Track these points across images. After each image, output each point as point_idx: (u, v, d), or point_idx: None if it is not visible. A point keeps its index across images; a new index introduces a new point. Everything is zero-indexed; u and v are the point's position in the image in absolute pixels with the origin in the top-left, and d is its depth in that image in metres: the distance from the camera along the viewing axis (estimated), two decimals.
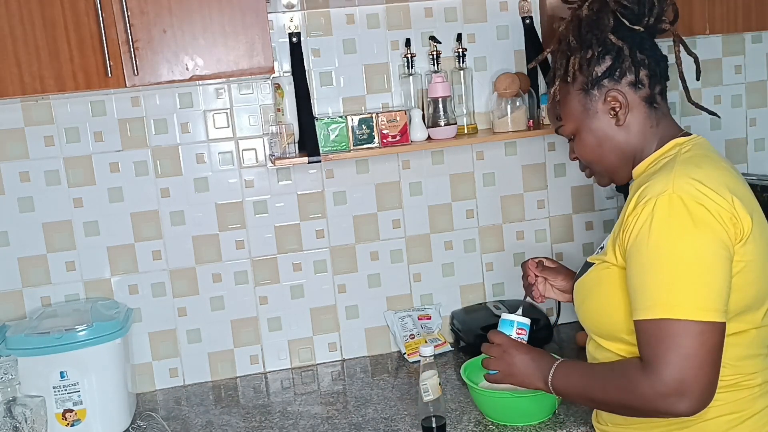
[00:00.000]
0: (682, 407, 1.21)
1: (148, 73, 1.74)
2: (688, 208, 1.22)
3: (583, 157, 1.46)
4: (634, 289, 1.27)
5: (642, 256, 1.25)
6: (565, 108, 1.44)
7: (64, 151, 2.04)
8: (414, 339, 2.19)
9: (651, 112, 1.40)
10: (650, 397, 1.23)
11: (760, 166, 2.45)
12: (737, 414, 1.31)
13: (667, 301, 1.21)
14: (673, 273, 1.22)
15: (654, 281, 1.23)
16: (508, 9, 2.21)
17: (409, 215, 2.24)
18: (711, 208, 1.22)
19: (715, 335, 1.21)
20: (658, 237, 1.23)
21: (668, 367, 1.21)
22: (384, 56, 2.16)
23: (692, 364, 1.20)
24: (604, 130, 1.40)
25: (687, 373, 1.20)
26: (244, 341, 2.20)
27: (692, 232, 1.21)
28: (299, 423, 1.85)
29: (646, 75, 1.38)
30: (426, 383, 1.70)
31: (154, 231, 2.11)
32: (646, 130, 1.40)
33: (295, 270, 2.20)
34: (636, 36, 1.39)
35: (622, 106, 1.37)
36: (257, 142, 2.13)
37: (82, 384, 1.81)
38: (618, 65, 1.37)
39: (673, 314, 1.21)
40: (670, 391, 1.21)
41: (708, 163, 1.33)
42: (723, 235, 1.23)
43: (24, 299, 2.07)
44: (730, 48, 2.38)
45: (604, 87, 1.38)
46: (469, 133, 2.12)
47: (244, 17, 1.76)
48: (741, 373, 1.30)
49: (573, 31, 1.41)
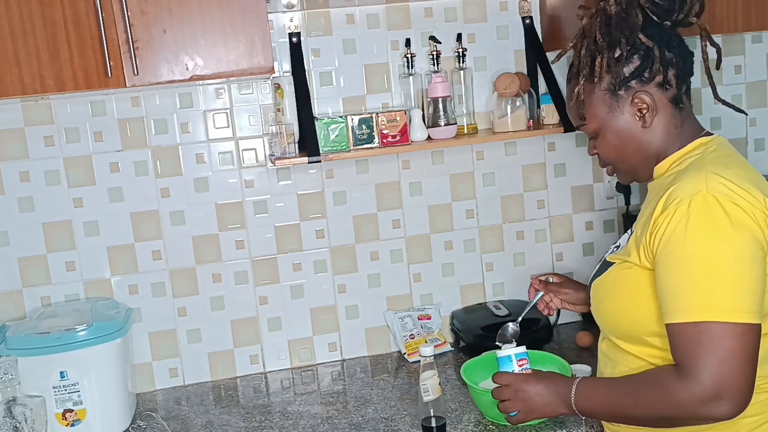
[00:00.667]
0: (722, 410, 1.19)
1: (148, 73, 1.74)
2: (724, 208, 1.20)
3: (605, 156, 1.44)
4: (667, 291, 1.24)
5: (677, 258, 1.22)
6: (589, 107, 1.40)
7: (64, 151, 2.04)
8: (414, 339, 2.18)
9: (676, 113, 1.37)
10: (689, 403, 1.21)
11: (760, 166, 2.43)
12: (758, 416, 1.29)
13: (705, 303, 1.19)
14: (711, 274, 1.19)
15: (690, 283, 1.21)
16: (508, 9, 2.21)
17: (409, 215, 2.24)
18: (746, 208, 1.21)
19: (752, 337, 1.19)
20: (694, 238, 1.20)
21: (707, 371, 1.18)
22: (384, 56, 2.16)
23: (731, 366, 1.18)
24: (629, 130, 1.37)
25: (726, 376, 1.18)
26: (244, 341, 2.20)
27: (729, 233, 1.19)
28: (299, 423, 1.85)
29: (674, 75, 1.36)
30: (426, 383, 1.70)
31: (154, 231, 2.11)
32: (670, 131, 1.37)
33: (295, 270, 2.20)
34: (664, 33, 1.36)
35: (650, 108, 1.35)
36: (257, 142, 2.13)
37: (82, 384, 1.81)
38: (647, 66, 1.34)
39: (711, 317, 1.18)
40: (710, 395, 1.19)
41: (734, 162, 1.31)
42: (759, 235, 1.21)
43: (24, 299, 2.07)
44: (730, 48, 2.38)
45: (632, 88, 1.35)
46: (469, 133, 2.12)
47: (244, 17, 1.76)
48: (762, 375, 1.27)
49: (600, 29, 1.37)
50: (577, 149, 2.30)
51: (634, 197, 2.29)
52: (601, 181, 2.34)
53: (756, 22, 2.05)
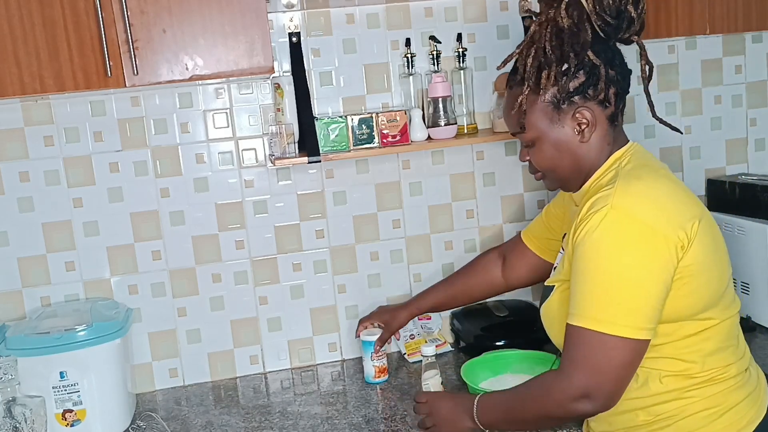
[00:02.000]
0: (587, 408, 1.30)
1: (148, 73, 1.74)
2: (624, 224, 1.26)
3: (538, 165, 1.47)
4: (571, 293, 1.33)
5: (577, 267, 1.30)
6: (530, 117, 1.42)
7: (63, 151, 2.04)
8: (414, 339, 2.18)
9: (611, 129, 1.41)
10: (562, 399, 1.31)
11: (760, 166, 2.45)
12: (715, 408, 1.34)
13: (592, 312, 1.27)
14: (601, 286, 1.27)
15: (583, 291, 1.29)
16: (508, 9, 2.21)
17: (409, 215, 2.24)
18: (650, 224, 1.26)
19: (629, 352, 1.27)
20: (588, 250, 1.28)
21: (579, 373, 1.29)
22: (384, 56, 2.16)
23: (600, 374, 1.28)
24: (567, 143, 1.41)
25: (593, 381, 1.28)
26: (244, 341, 2.20)
27: (625, 248, 1.26)
28: (299, 423, 1.85)
29: (614, 93, 1.39)
30: (428, 383, 1.71)
31: (154, 231, 2.11)
32: (603, 147, 1.41)
33: (295, 270, 2.20)
34: (609, 50, 1.39)
35: (590, 124, 1.38)
36: (257, 142, 2.13)
37: (81, 384, 1.81)
38: (592, 83, 1.37)
39: (591, 325, 1.27)
40: (577, 394, 1.29)
41: (648, 173, 1.35)
42: (659, 252, 1.26)
43: (24, 299, 2.07)
44: (730, 48, 2.38)
45: (575, 103, 1.38)
46: (469, 133, 2.12)
47: (244, 17, 1.76)
48: (713, 367, 1.34)
49: (551, 40, 1.38)
50: None
51: None
52: None
53: (756, 22, 2.05)
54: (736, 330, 1.42)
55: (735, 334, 1.41)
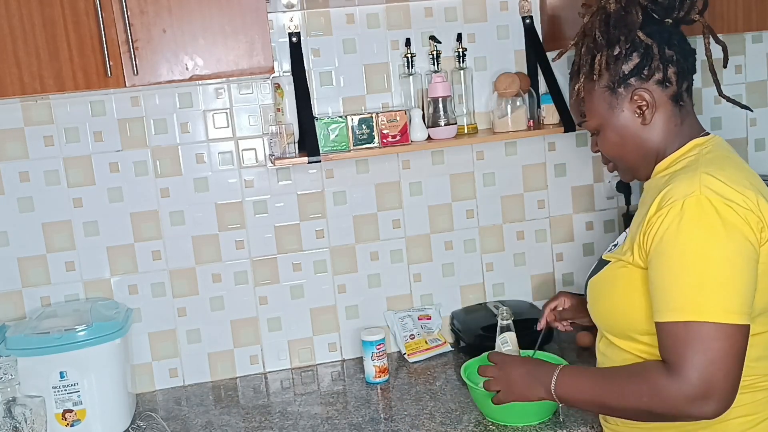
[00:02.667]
0: (708, 409, 1.21)
1: (148, 73, 1.74)
2: (717, 209, 1.21)
3: (606, 153, 1.45)
4: (658, 290, 1.25)
5: (668, 258, 1.24)
6: (589, 104, 1.41)
7: (63, 151, 2.04)
8: (414, 339, 2.18)
9: (676, 110, 1.38)
10: (676, 400, 1.22)
11: (760, 166, 2.45)
12: (753, 416, 1.30)
13: (695, 303, 1.21)
14: (702, 275, 1.21)
15: (681, 283, 1.22)
16: (508, 9, 2.21)
17: (409, 215, 2.24)
18: (738, 211, 1.22)
19: (741, 338, 1.21)
20: (686, 239, 1.22)
21: (695, 370, 1.20)
22: (384, 56, 2.16)
23: (719, 366, 1.19)
24: (629, 127, 1.38)
25: (714, 376, 1.20)
26: (244, 341, 2.20)
27: (721, 234, 1.21)
28: (299, 423, 1.85)
29: (674, 72, 1.36)
30: (506, 340, 1.77)
31: (154, 231, 2.11)
32: (670, 129, 1.38)
33: (295, 270, 2.20)
34: (664, 31, 1.37)
35: (650, 105, 1.35)
36: (257, 142, 2.13)
37: (81, 384, 1.81)
38: (646, 63, 1.35)
39: (701, 317, 1.20)
40: (697, 394, 1.20)
41: (730, 163, 1.32)
42: (751, 237, 1.22)
43: (24, 299, 2.07)
44: (730, 48, 2.34)
45: (632, 86, 1.36)
46: (469, 133, 2.12)
47: (244, 17, 1.76)
48: (757, 374, 1.29)
49: (600, 26, 1.38)
50: (578, 149, 2.30)
51: (634, 197, 2.29)
52: (602, 181, 2.34)
53: (756, 22, 2.05)
54: None
55: None
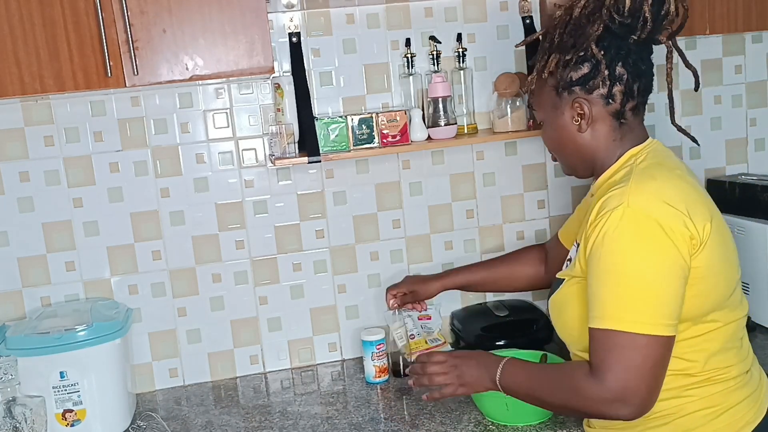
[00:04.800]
0: (623, 412, 1.28)
1: (148, 73, 1.74)
2: (638, 223, 1.26)
3: (546, 145, 1.53)
4: (589, 298, 1.32)
5: (595, 268, 1.30)
6: (537, 99, 1.49)
7: (63, 151, 2.04)
8: (414, 339, 2.18)
9: (616, 126, 1.41)
10: (594, 401, 1.30)
11: (760, 166, 2.45)
12: (713, 408, 1.35)
13: (615, 312, 1.26)
14: (621, 286, 1.26)
15: (604, 292, 1.28)
16: (508, 9, 2.21)
17: (409, 215, 2.24)
18: (663, 223, 1.25)
19: (658, 348, 1.26)
20: (609, 249, 1.27)
21: (612, 375, 1.27)
22: (384, 56, 2.16)
23: (634, 374, 1.26)
24: (566, 130, 1.44)
25: (629, 383, 1.26)
26: (244, 341, 2.20)
27: (640, 247, 1.26)
28: (299, 423, 1.85)
29: (619, 91, 1.38)
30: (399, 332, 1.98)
31: (154, 231, 2.11)
32: (608, 143, 1.42)
33: (295, 270, 2.20)
34: (623, 47, 1.37)
35: (585, 116, 1.40)
36: (257, 142, 2.13)
37: (81, 384, 1.81)
38: (593, 76, 1.37)
39: (620, 326, 1.26)
40: (613, 397, 1.27)
41: (662, 172, 1.35)
42: (673, 251, 1.26)
43: (24, 299, 2.07)
44: (730, 48, 2.38)
45: (575, 93, 1.40)
46: (469, 133, 2.12)
47: (244, 17, 1.76)
48: (714, 368, 1.35)
49: (562, 28, 1.41)
50: None
51: None
52: None
53: (756, 22, 2.05)
54: (741, 332, 1.42)
55: (739, 336, 1.41)
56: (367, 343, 2.01)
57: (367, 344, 2.01)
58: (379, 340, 2.02)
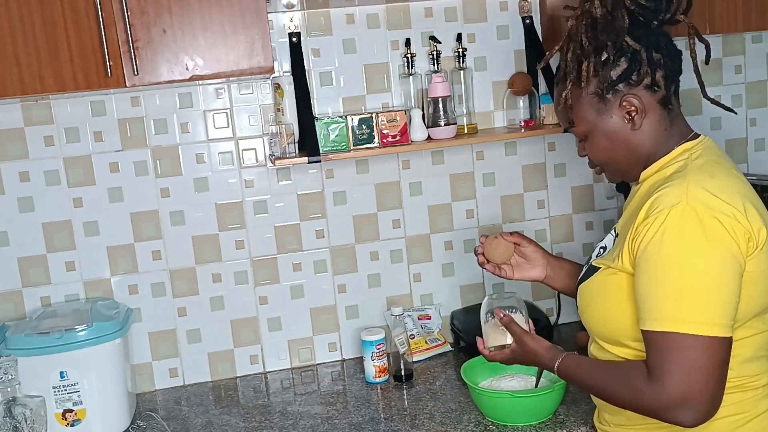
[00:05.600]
0: (684, 418, 1.22)
1: (148, 73, 1.74)
2: (702, 220, 1.21)
3: (595, 158, 1.44)
4: (642, 299, 1.26)
5: (652, 267, 1.24)
6: (577, 111, 1.39)
7: (63, 151, 2.04)
8: (414, 339, 2.18)
9: (665, 114, 1.37)
10: (654, 405, 1.24)
11: (760, 166, 2.45)
12: (742, 415, 1.31)
13: (675, 314, 1.21)
14: (683, 286, 1.21)
15: (663, 293, 1.23)
16: (508, 9, 2.21)
17: (409, 215, 2.24)
18: (725, 222, 1.22)
19: (721, 350, 1.21)
20: (669, 249, 1.22)
21: (673, 380, 1.21)
22: (384, 56, 2.16)
23: (697, 378, 1.20)
24: (618, 133, 1.37)
25: (691, 387, 1.21)
26: (244, 341, 2.20)
27: (704, 245, 1.21)
28: (299, 423, 1.85)
29: (662, 76, 1.35)
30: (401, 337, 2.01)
31: (154, 231, 2.11)
32: (660, 133, 1.37)
33: (295, 270, 2.20)
34: (651, 34, 1.35)
35: (639, 110, 1.34)
36: (257, 142, 2.13)
37: (81, 384, 1.81)
38: (634, 69, 1.33)
39: (681, 328, 1.21)
40: (674, 402, 1.22)
41: (720, 171, 1.31)
42: (734, 249, 1.22)
43: (24, 299, 2.07)
44: (730, 48, 2.38)
45: (620, 91, 1.34)
46: (469, 133, 2.12)
47: (244, 17, 1.76)
48: (746, 375, 1.30)
49: (586, 32, 1.36)
50: None
51: None
52: (602, 181, 2.34)
53: (756, 22, 2.05)
54: None
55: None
56: (367, 343, 2.01)
57: (367, 344, 2.01)
58: (379, 340, 2.02)
